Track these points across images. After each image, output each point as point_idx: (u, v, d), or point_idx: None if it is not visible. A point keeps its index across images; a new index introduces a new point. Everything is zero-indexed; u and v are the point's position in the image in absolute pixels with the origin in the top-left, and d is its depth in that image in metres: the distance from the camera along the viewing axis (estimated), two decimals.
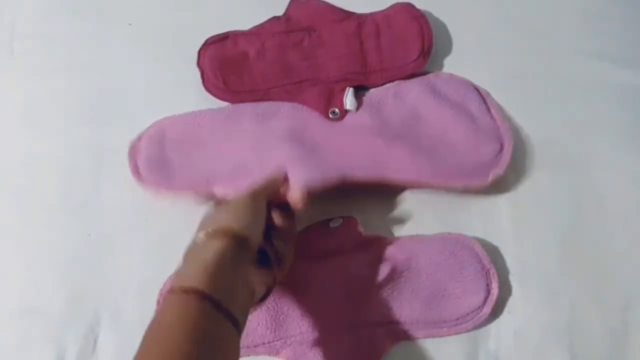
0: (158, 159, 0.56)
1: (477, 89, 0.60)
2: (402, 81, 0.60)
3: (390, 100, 0.59)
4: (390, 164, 0.54)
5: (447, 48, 0.64)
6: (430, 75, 0.61)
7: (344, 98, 0.59)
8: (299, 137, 0.56)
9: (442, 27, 0.65)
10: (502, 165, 0.55)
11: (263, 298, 0.45)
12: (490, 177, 0.54)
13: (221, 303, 0.38)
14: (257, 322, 0.51)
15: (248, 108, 0.59)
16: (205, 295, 0.37)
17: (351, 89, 0.60)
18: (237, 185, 0.51)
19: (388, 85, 0.60)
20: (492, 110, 0.58)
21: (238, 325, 0.39)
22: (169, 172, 0.56)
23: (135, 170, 0.56)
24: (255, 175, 0.50)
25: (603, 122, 0.60)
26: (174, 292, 0.38)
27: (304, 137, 0.56)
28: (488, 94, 0.60)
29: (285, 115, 0.58)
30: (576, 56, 0.63)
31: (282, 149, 0.55)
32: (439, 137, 0.56)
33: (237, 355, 0.39)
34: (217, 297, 0.38)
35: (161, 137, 0.57)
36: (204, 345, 0.35)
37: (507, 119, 0.58)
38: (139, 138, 0.58)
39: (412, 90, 0.59)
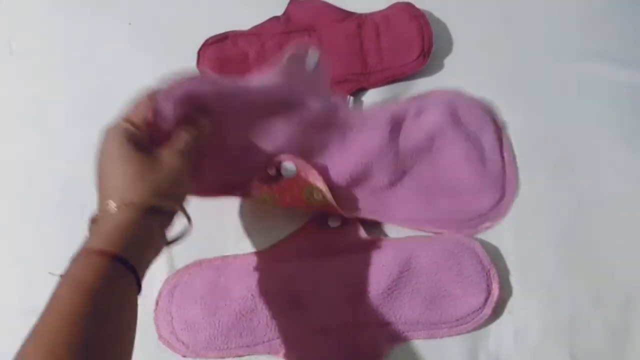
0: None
1: (494, 122, 0.58)
2: (427, 95, 0.59)
3: (410, 119, 0.57)
4: (391, 209, 0.55)
5: (447, 48, 0.64)
6: (451, 95, 0.59)
7: None
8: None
9: (442, 27, 0.65)
10: (495, 219, 0.55)
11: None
12: (480, 230, 0.55)
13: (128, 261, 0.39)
14: (257, 321, 0.51)
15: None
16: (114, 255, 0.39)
17: (352, 100, 0.60)
18: None
19: (412, 97, 0.59)
20: (505, 151, 0.58)
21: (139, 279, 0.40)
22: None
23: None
24: None
25: (603, 122, 0.60)
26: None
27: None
28: (505, 126, 0.59)
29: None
30: (576, 56, 0.63)
31: None
32: (444, 177, 0.56)
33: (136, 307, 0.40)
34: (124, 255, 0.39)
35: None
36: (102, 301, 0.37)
37: (514, 161, 0.58)
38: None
39: (434, 113, 0.57)
